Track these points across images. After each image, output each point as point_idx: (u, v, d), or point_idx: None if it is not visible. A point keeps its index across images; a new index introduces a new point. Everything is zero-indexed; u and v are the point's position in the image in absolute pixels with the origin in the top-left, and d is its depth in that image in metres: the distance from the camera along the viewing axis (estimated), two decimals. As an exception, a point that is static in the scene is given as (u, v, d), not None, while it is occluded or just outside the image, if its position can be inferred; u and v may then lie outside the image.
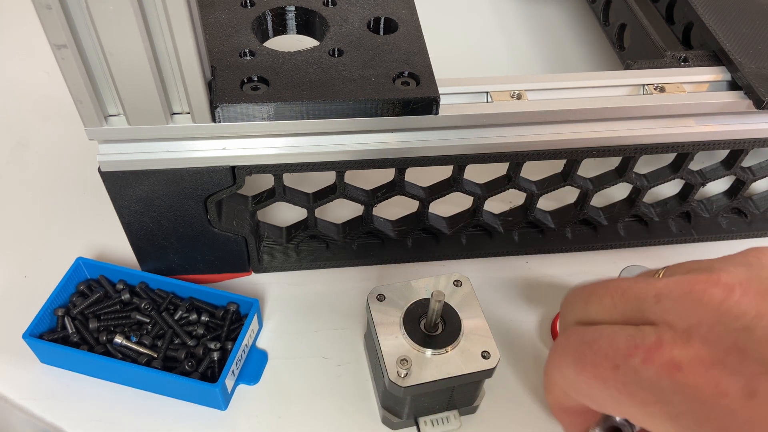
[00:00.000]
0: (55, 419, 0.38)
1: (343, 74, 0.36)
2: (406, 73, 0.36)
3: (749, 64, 0.40)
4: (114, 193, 0.37)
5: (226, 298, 0.41)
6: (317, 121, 0.35)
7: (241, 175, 0.37)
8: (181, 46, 0.31)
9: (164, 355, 0.39)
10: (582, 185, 0.44)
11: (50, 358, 0.40)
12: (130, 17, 0.29)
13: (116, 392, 0.39)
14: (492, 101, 0.38)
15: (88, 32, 0.30)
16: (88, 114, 0.33)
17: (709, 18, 0.44)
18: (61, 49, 0.30)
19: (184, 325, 0.41)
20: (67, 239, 0.47)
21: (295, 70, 0.36)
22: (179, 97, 0.34)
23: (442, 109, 0.36)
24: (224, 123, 0.35)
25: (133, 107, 0.33)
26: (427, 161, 0.39)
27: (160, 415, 0.39)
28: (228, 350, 0.40)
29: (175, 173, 0.36)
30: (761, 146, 0.42)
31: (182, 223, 0.40)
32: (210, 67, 0.35)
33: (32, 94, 0.58)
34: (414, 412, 0.37)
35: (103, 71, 0.32)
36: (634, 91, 0.39)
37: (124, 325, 0.41)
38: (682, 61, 0.42)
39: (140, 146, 0.35)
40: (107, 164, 0.36)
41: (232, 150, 0.36)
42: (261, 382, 0.40)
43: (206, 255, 0.43)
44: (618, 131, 0.39)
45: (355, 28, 0.39)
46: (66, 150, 0.53)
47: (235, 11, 0.40)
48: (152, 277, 0.42)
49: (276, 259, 0.46)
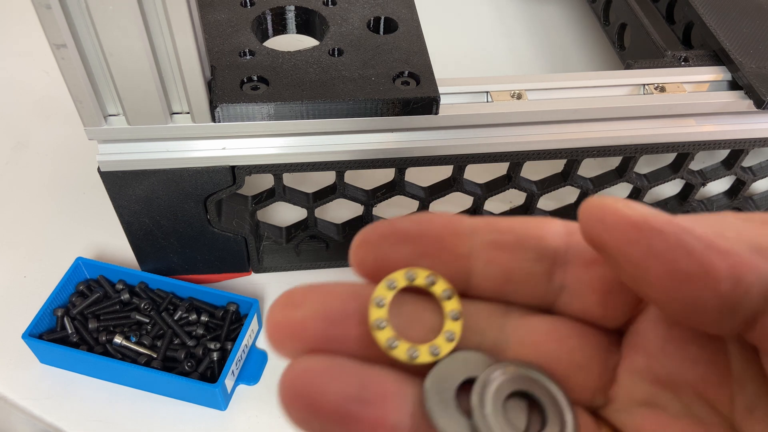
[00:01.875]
0: (54, 419, 0.38)
1: (343, 74, 0.36)
2: (406, 73, 0.36)
3: (749, 63, 0.40)
4: (113, 193, 0.37)
5: (225, 298, 0.41)
6: (317, 121, 0.35)
7: (240, 175, 0.37)
8: (181, 46, 0.31)
9: (164, 355, 0.39)
10: (582, 185, 0.44)
11: (50, 358, 0.40)
12: (130, 17, 0.29)
13: (116, 392, 0.39)
14: (492, 101, 0.38)
15: (88, 32, 0.30)
16: (87, 114, 0.33)
17: (710, 18, 0.44)
18: (61, 48, 0.30)
19: (184, 325, 0.41)
20: (66, 239, 0.47)
21: (295, 69, 0.36)
22: (179, 97, 0.34)
23: (442, 109, 0.36)
24: (224, 123, 0.35)
25: (132, 107, 0.33)
26: (427, 161, 0.38)
27: (160, 415, 0.38)
28: (228, 350, 0.40)
29: (174, 173, 0.36)
30: (761, 146, 0.42)
31: (182, 223, 0.40)
32: (210, 67, 0.35)
33: (32, 93, 0.58)
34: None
35: (102, 71, 0.32)
36: (635, 90, 0.39)
37: (124, 325, 0.41)
38: (683, 61, 0.42)
39: (140, 146, 0.35)
40: (107, 164, 0.36)
41: (232, 150, 0.36)
42: (261, 382, 0.40)
43: (206, 255, 0.43)
44: (618, 131, 0.39)
45: (355, 27, 0.39)
46: (66, 150, 0.53)
47: (235, 11, 0.40)
48: (152, 277, 0.42)
49: (276, 259, 0.46)
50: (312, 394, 0.15)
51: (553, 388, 0.17)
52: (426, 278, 0.17)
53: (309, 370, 0.15)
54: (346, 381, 0.15)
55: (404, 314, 0.17)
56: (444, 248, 0.17)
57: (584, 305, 0.17)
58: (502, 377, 0.17)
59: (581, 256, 0.17)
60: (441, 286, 0.17)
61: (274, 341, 0.16)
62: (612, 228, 0.15)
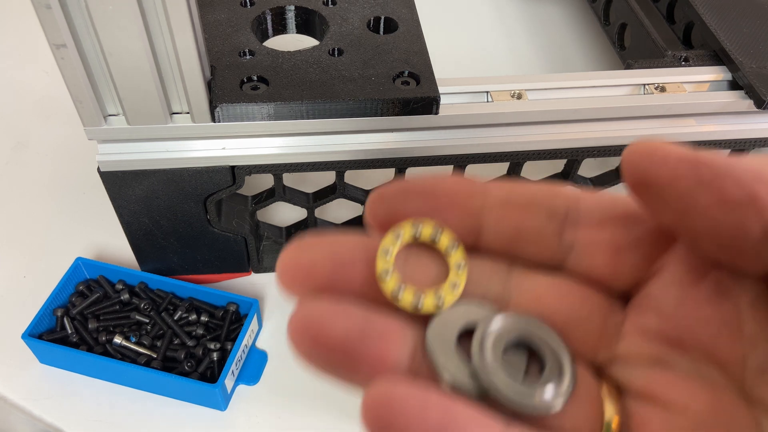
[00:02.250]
0: (54, 419, 0.38)
1: (343, 74, 0.36)
2: (406, 73, 0.36)
3: (750, 63, 0.40)
4: (113, 193, 0.37)
5: (225, 298, 0.41)
6: (317, 121, 0.35)
7: (240, 175, 0.37)
8: (181, 46, 0.31)
9: (164, 356, 0.39)
10: (582, 185, 0.44)
11: (49, 359, 0.40)
12: (130, 17, 0.29)
13: (116, 393, 0.39)
14: (492, 101, 0.38)
15: (88, 32, 0.30)
16: (87, 114, 0.33)
17: (710, 17, 0.44)
18: (61, 48, 0.30)
19: (184, 325, 0.41)
20: (66, 239, 0.47)
21: (295, 69, 0.36)
22: (179, 97, 0.34)
23: (442, 108, 0.36)
24: (224, 123, 0.35)
25: (132, 107, 0.33)
26: (427, 161, 0.38)
27: (160, 415, 0.38)
28: (228, 350, 0.40)
29: (174, 173, 0.36)
30: (762, 146, 0.42)
31: (182, 223, 0.40)
32: (209, 67, 0.35)
33: (32, 94, 0.58)
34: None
35: (102, 71, 0.32)
36: (635, 90, 0.39)
37: (124, 325, 0.41)
38: (683, 61, 0.42)
39: (139, 146, 0.35)
40: (106, 164, 0.36)
41: (232, 150, 0.36)
42: (261, 382, 0.40)
43: (206, 255, 0.43)
44: (618, 131, 0.39)
45: (355, 27, 0.39)
46: (66, 150, 0.53)
47: (235, 10, 0.40)
48: (152, 277, 0.42)
49: (276, 259, 0.45)
50: (318, 329, 0.16)
51: (553, 339, 0.17)
52: (432, 229, 0.18)
53: (316, 308, 0.16)
54: (351, 319, 0.16)
55: (410, 264, 0.18)
56: (456, 204, 0.18)
57: (593, 264, 0.18)
58: (503, 325, 0.17)
59: (593, 217, 0.18)
60: (447, 237, 0.18)
61: (284, 281, 0.17)
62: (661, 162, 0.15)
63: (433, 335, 0.17)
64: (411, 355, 0.17)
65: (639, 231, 0.18)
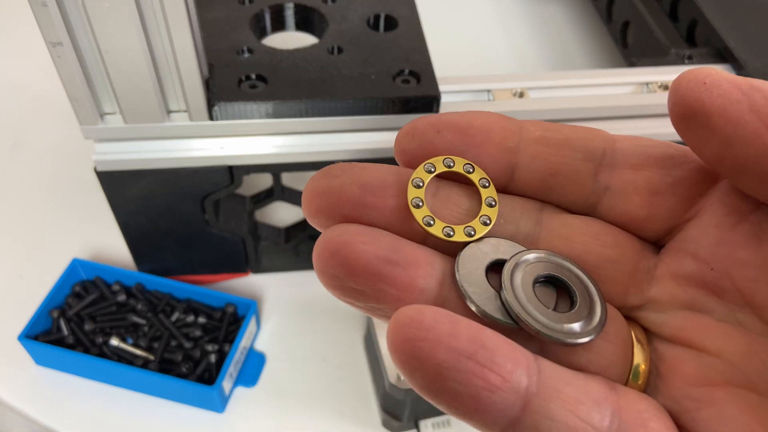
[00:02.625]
0: (50, 421, 0.38)
1: (343, 72, 0.36)
2: (406, 71, 0.36)
3: (754, 62, 0.40)
4: (110, 193, 0.37)
5: (223, 299, 0.41)
6: (316, 120, 0.35)
7: (238, 175, 0.37)
8: (178, 44, 0.30)
9: (161, 357, 0.39)
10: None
11: (46, 360, 0.40)
12: (127, 14, 0.29)
13: (112, 394, 0.39)
14: (493, 100, 0.37)
15: (84, 30, 0.30)
16: (83, 112, 0.33)
17: (714, 15, 0.43)
18: (57, 46, 0.29)
19: (182, 326, 0.40)
20: (62, 240, 0.47)
21: (294, 67, 0.36)
22: (176, 96, 0.33)
23: (443, 107, 0.36)
24: (222, 121, 0.34)
25: (129, 105, 0.33)
26: (428, 160, 0.38)
27: (157, 417, 0.38)
28: (226, 352, 0.39)
29: (171, 173, 0.36)
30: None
31: (179, 223, 0.39)
32: (207, 65, 0.35)
33: (28, 92, 0.58)
34: (415, 414, 0.37)
35: (99, 69, 0.32)
36: (638, 89, 0.39)
37: (120, 326, 0.40)
38: (687, 59, 0.42)
39: (136, 145, 0.35)
40: (103, 164, 0.35)
41: (230, 149, 0.36)
42: (259, 384, 0.40)
43: (204, 256, 0.42)
44: (622, 130, 0.39)
45: (355, 25, 0.39)
46: (62, 149, 0.53)
47: (233, 8, 0.39)
48: (149, 278, 0.42)
49: (274, 260, 0.45)
50: (346, 252, 0.16)
51: (583, 276, 0.17)
52: (464, 165, 0.17)
53: (345, 232, 0.16)
54: (380, 245, 0.16)
55: (440, 197, 0.18)
56: (490, 140, 0.18)
57: (628, 207, 0.18)
58: (534, 260, 0.17)
59: (629, 159, 0.18)
60: (479, 174, 0.18)
61: (310, 208, 0.17)
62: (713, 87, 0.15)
63: (463, 264, 0.17)
64: (439, 284, 0.16)
65: (677, 174, 0.17)
